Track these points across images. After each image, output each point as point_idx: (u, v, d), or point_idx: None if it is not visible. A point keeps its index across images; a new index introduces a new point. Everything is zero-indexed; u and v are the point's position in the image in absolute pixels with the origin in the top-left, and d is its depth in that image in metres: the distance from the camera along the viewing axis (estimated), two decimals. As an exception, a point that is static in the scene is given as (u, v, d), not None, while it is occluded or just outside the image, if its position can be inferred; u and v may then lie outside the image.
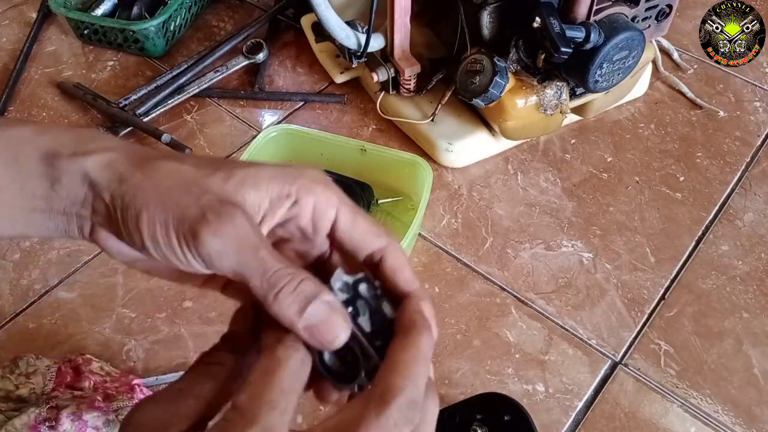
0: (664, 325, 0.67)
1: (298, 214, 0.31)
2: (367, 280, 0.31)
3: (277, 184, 0.30)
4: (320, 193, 0.31)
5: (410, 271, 0.32)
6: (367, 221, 0.32)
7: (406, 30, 0.76)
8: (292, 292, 0.28)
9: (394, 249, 0.32)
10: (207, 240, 0.27)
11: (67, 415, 0.56)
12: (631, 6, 0.70)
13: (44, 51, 0.97)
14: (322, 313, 0.28)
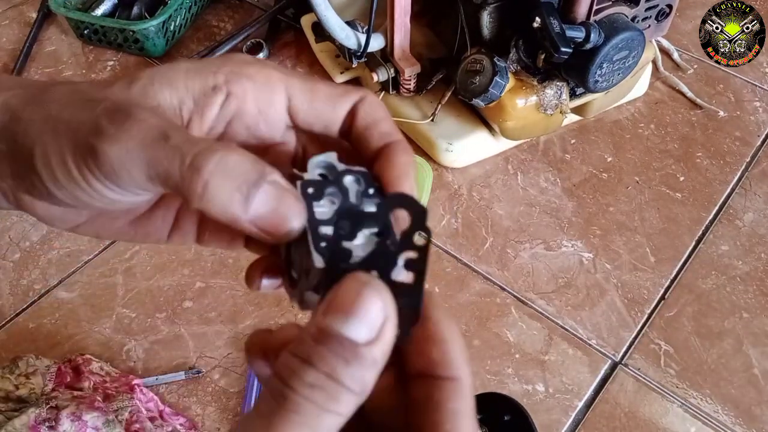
0: (664, 325, 0.67)
1: (238, 110, 0.24)
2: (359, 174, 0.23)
3: (198, 77, 0.23)
4: (256, 74, 0.24)
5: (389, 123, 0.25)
6: (328, 86, 0.24)
7: (406, 30, 0.76)
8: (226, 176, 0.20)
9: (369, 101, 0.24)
10: (105, 151, 0.21)
11: (66, 415, 0.56)
12: (631, 6, 0.70)
13: (44, 51, 0.97)
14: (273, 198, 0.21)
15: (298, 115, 0.24)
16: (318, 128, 0.25)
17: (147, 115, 0.21)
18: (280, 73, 0.24)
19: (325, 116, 0.24)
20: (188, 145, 0.21)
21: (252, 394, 0.61)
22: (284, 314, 0.67)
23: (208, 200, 0.20)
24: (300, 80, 0.24)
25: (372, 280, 0.20)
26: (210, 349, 0.65)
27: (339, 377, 0.19)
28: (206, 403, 0.61)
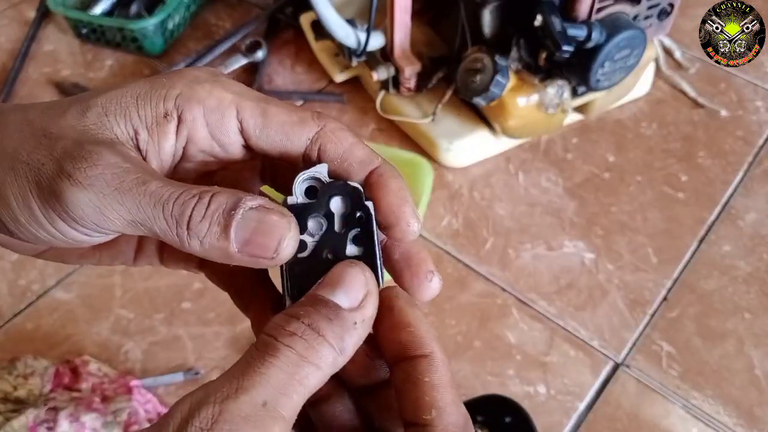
0: (665, 326, 0.67)
1: (190, 135, 0.23)
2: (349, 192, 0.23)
3: (149, 103, 0.23)
4: (207, 97, 0.23)
5: (362, 147, 0.24)
6: (283, 110, 0.23)
7: (407, 28, 0.76)
8: (205, 212, 0.21)
9: (329, 132, 0.24)
10: (71, 197, 0.20)
11: (65, 416, 0.55)
12: (632, 5, 0.70)
13: (43, 50, 0.97)
14: (253, 220, 0.21)
15: (250, 140, 0.23)
16: (274, 154, 0.24)
17: (111, 157, 0.21)
18: (232, 94, 0.23)
19: (279, 145, 0.24)
20: (166, 189, 0.21)
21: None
22: (284, 315, 0.67)
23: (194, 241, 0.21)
24: (253, 103, 0.23)
25: (357, 262, 0.23)
26: (208, 350, 0.64)
27: (320, 329, 0.20)
28: (205, 405, 0.61)
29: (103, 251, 0.26)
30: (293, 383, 0.20)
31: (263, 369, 0.20)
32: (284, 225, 0.21)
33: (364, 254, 0.24)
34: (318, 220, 0.24)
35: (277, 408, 0.20)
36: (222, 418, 0.19)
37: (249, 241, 0.21)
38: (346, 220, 0.24)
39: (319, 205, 0.23)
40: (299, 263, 0.23)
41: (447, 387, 0.22)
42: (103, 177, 0.20)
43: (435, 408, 0.22)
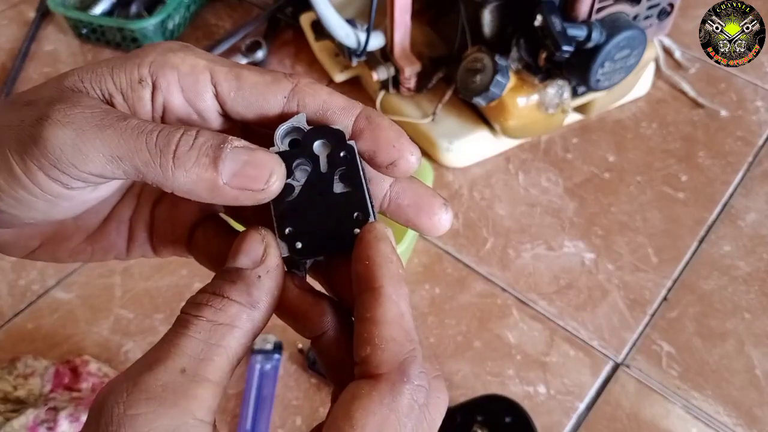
0: (665, 326, 0.67)
1: (166, 101, 0.23)
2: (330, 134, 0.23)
3: (123, 71, 0.23)
4: (180, 63, 0.23)
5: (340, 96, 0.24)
6: (256, 72, 0.23)
7: (407, 28, 0.76)
8: (193, 143, 0.20)
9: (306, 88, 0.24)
10: (50, 136, 0.20)
11: (65, 416, 0.55)
12: (632, 5, 0.70)
13: (43, 50, 0.97)
14: (242, 154, 0.21)
15: (226, 104, 0.23)
16: (251, 118, 0.24)
17: (95, 102, 0.21)
18: (206, 60, 0.23)
19: (255, 106, 0.23)
20: (149, 124, 0.21)
21: (251, 396, 0.61)
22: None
23: (181, 174, 0.20)
24: (226, 68, 0.23)
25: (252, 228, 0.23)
26: (209, 350, 0.64)
27: (224, 293, 0.21)
28: (205, 405, 0.61)
29: (94, 244, 0.26)
30: (210, 347, 0.20)
31: (177, 341, 0.20)
32: (273, 159, 0.22)
33: (352, 191, 0.24)
34: (303, 167, 0.24)
35: (199, 372, 0.20)
36: (137, 389, 0.19)
37: (238, 172, 0.21)
38: (331, 161, 0.24)
39: (302, 151, 0.23)
40: (288, 206, 0.23)
41: (389, 323, 0.21)
42: (83, 115, 0.20)
43: (370, 345, 0.21)
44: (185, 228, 0.26)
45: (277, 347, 0.63)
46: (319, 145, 0.24)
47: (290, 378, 0.63)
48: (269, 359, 0.63)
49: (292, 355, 0.64)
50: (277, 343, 0.64)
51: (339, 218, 0.23)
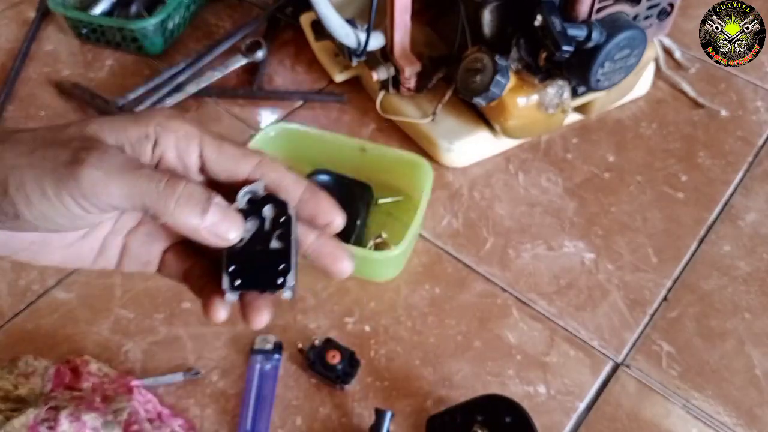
0: (665, 326, 0.67)
1: (163, 154, 0.31)
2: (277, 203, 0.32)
3: (135, 127, 0.30)
4: (178, 128, 0.31)
5: (292, 174, 0.33)
6: (233, 146, 0.32)
7: (407, 28, 0.76)
8: (189, 197, 0.29)
9: (267, 164, 0.32)
10: (87, 174, 0.27)
11: (65, 415, 0.55)
12: (632, 5, 0.70)
13: (42, 50, 0.97)
14: (221, 209, 0.30)
15: (206, 164, 0.32)
16: (222, 178, 0.32)
17: (117, 151, 0.29)
18: (198, 130, 0.32)
19: (228, 170, 0.32)
20: (159, 173, 0.28)
21: (251, 396, 0.61)
22: (283, 315, 0.67)
23: (177, 215, 0.28)
24: (211, 138, 0.32)
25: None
26: (208, 351, 0.64)
27: None
28: (205, 405, 0.61)
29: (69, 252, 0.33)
30: None
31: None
32: (236, 219, 0.30)
33: (283, 247, 0.32)
34: (253, 222, 0.32)
35: None
36: None
37: (215, 223, 0.29)
38: (274, 222, 0.32)
39: (255, 211, 0.32)
40: (236, 250, 0.31)
41: None
42: (109, 160, 0.28)
43: None
44: (159, 252, 0.34)
45: (277, 347, 0.63)
46: (268, 208, 0.32)
47: (290, 378, 0.63)
48: (269, 359, 0.63)
49: (292, 355, 0.64)
50: (277, 343, 0.64)
51: (270, 267, 0.32)
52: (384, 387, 0.62)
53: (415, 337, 0.66)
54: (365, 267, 0.69)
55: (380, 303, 0.68)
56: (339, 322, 0.67)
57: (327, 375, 0.61)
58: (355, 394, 0.62)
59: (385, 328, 0.66)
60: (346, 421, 0.60)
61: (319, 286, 0.69)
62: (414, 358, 0.64)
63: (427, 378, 0.63)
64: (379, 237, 0.72)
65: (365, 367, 0.63)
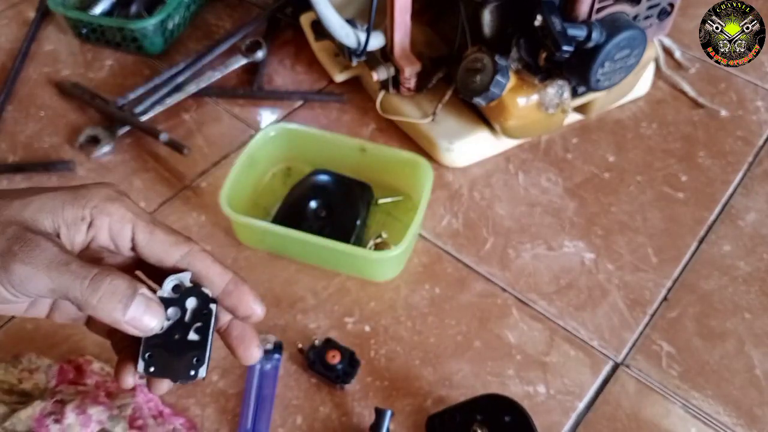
0: (665, 326, 0.67)
1: (96, 234, 0.33)
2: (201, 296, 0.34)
3: (72, 208, 0.33)
4: (114, 212, 0.33)
5: (219, 266, 0.35)
6: (165, 232, 0.34)
7: (407, 28, 0.76)
8: (113, 294, 0.31)
9: (196, 254, 0.34)
10: (16, 269, 0.30)
11: (71, 409, 0.55)
12: (632, 5, 0.70)
13: (42, 50, 0.97)
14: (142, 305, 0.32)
15: (137, 247, 0.34)
16: (152, 261, 0.34)
17: (48, 244, 0.31)
18: (132, 214, 0.34)
19: (157, 257, 0.34)
20: (83, 270, 0.31)
21: (251, 395, 0.61)
22: (283, 315, 0.67)
23: (100, 310, 0.31)
24: (145, 224, 0.34)
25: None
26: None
27: None
28: (205, 404, 0.61)
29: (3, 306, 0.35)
30: None
31: None
32: (158, 312, 0.33)
33: (200, 340, 0.34)
34: (175, 310, 0.34)
35: None
36: None
37: (135, 318, 0.32)
38: (195, 314, 0.34)
39: (179, 300, 0.34)
40: (154, 338, 0.33)
41: None
42: (39, 256, 0.30)
43: None
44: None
45: (278, 347, 0.63)
46: (191, 300, 0.34)
47: (290, 378, 0.63)
48: (269, 359, 0.63)
49: (292, 355, 0.64)
50: (278, 343, 0.64)
51: (184, 357, 0.34)
52: (384, 386, 0.62)
53: (415, 336, 0.66)
54: (365, 267, 0.69)
55: (380, 303, 0.68)
56: (339, 322, 0.67)
57: (327, 375, 0.61)
58: (355, 393, 0.62)
59: (385, 327, 0.66)
60: (346, 421, 0.60)
61: (319, 286, 0.69)
62: (414, 358, 0.64)
63: (427, 377, 0.63)
64: (379, 237, 0.72)
65: (365, 367, 0.63)
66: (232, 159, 0.81)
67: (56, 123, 0.86)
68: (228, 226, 0.74)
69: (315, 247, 0.67)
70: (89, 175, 0.80)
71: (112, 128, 0.84)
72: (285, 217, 0.72)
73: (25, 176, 0.80)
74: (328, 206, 0.73)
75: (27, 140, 0.84)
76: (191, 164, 0.81)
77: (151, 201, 0.77)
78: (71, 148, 0.83)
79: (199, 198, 0.78)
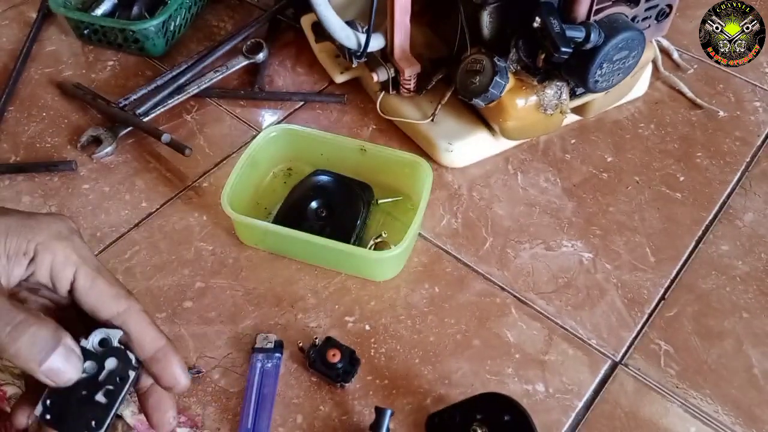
0: (664, 325, 0.67)
1: (36, 270, 0.33)
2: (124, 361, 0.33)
3: (15, 239, 0.32)
4: (59, 252, 0.33)
5: (154, 330, 0.35)
6: (108, 283, 0.34)
7: (406, 30, 0.76)
8: (32, 345, 0.30)
9: (133, 313, 0.34)
10: None
11: None
12: (631, 6, 0.70)
13: (44, 51, 0.97)
14: (61, 359, 0.32)
15: (75, 292, 0.33)
16: (86, 308, 0.34)
17: None
18: (78, 257, 0.33)
19: (94, 306, 0.33)
20: (10, 315, 0.30)
21: (252, 394, 0.61)
22: (284, 314, 0.68)
23: (16, 358, 0.30)
24: (88, 270, 0.33)
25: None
26: (210, 349, 0.65)
27: None
28: (206, 403, 0.61)
29: None
30: None
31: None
32: (76, 366, 0.32)
33: (106, 404, 0.33)
34: (92, 366, 0.33)
35: None
36: None
37: (51, 370, 0.31)
38: (111, 376, 0.33)
39: (100, 357, 0.33)
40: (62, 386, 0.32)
41: None
42: None
43: None
44: None
45: (278, 346, 0.64)
46: (112, 361, 0.33)
47: (291, 376, 0.63)
48: (270, 358, 0.63)
49: (293, 353, 0.64)
50: (278, 342, 0.64)
51: (84, 417, 0.33)
52: (384, 385, 0.63)
53: (414, 335, 0.66)
54: (365, 267, 0.70)
55: (380, 302, 0.69)
56: (339, 321, 0.67)
57: (327, 373, 0.62)
58: (356, 392, 0.62)
59: (385, 327, 0.67)
60: (347, 419, 0.60)
61: (319, 286, 0.70)
62: (414, 357, 0.65)
63: (427, 376, 0.63)
64: (379, 237, 0.72)
65: (365, 366, 0.64)
66: (234, 159, 0.82)
67: (58, 123, 0.87)
68: (229, 226, 0.74)
69: (315, 246, 0.67)
70: (91, 175, 0.81)
71: (114, 129, 0.84)
72: (286, 217, 0.73)
73: (27, 176, 0.80)
74: (329, 206, 0.74)
75: (29, 140, 0.84)
76: (193, 165, 0.81)
77: (153, 201, 0.78)
78: (73, 149, 0.83)
79: (200, 198, 0.78)
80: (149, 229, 0.75)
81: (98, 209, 0.77)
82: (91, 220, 0.76)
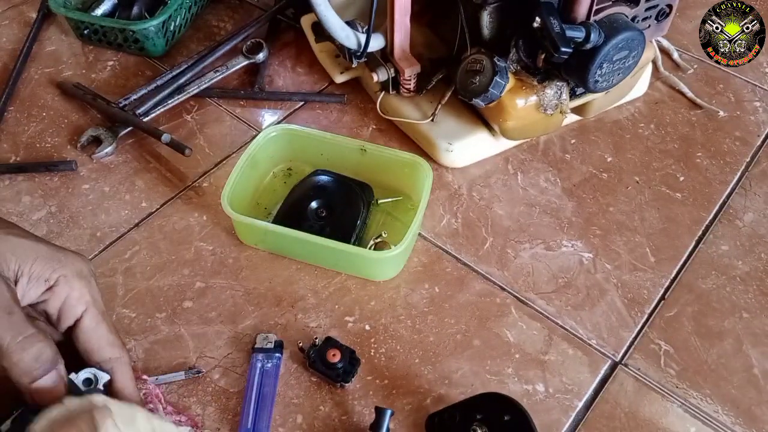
0: (664, 325, 0.67)
1: (49, 300, 0.35)
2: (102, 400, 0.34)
3: (42, 265, 0.35)
4: (76, 288, 0.36)
5: (134, 385, 0.38)
6: (109, 330, 0.37)
7: (406, 30, 0.76)
8: (35, 359, 0.33)
9: (123, 364, 0.37)
10: None
11: None
12: (631, 6, 0.70)
13: (44, 51, 0.97)
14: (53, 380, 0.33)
15: (78, 329, 0.36)
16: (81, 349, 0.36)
17: (2, 287, 0.33)
18: (90, 298, 0.36)
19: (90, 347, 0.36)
20: (23, 326, 0.33)
21: (252, 394, 0.61)
22: (284, 314, 0.68)
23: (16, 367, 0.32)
24: (96, 314, 0.36)
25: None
26: (210, 349, 0.65)
27: None
28: (206, 403, 0.61)
29: None
30: None
31: None
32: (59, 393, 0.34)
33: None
34: None
35: None
36: None
37: (40, 388, 0.33)
38: None
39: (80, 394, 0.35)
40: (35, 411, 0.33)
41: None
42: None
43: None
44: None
45: (278, 346, 0.64)
46: None
47: (291, 376, 0.63)
48: (270, 358, 0.63)
49: (293, 353, 0.64)
50: (278, 342, 0.64)
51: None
52: (384, 385, 0.63)
53: (414, 335, 0.66)
54: (365, 266, 0.70)
55: (380, 302, 0.69)
56: (339, 321, 0.67)
57: (327, 373, 0.62)
58: (356, 392, 0.62)
59: (385, 326, 0.67)
60: (347, 419, 0.60)
61: (319, 286, 0.70)
62: (414, 357, 0.65)
63: (427, 376, 0.63)
64: (379, 237, 0.73)
65: (365, 366, 0.64)
66: (234, 159, 0.82)
67: (58, 123, 0.87)
68: (229, 225, 0.74)
69: (315, 246, 0.67)
70: (91, 175, 0.81)
71: (114, 129, 0.84)
72: (286, 217, 0.73)
73: (27, 176, 0.80)
74: (329, 206, 0.74)
75: (29, 140, 0.85)
76: (193, 165, 0.81)
77: (153, 201, 0.78)
78: (73, 149, 0.83)
79: (200, 198, 0.78)
80: (149, 229, 0.75)
81: (98, 209, 0.77)
82: (91, 220, 0.76)
